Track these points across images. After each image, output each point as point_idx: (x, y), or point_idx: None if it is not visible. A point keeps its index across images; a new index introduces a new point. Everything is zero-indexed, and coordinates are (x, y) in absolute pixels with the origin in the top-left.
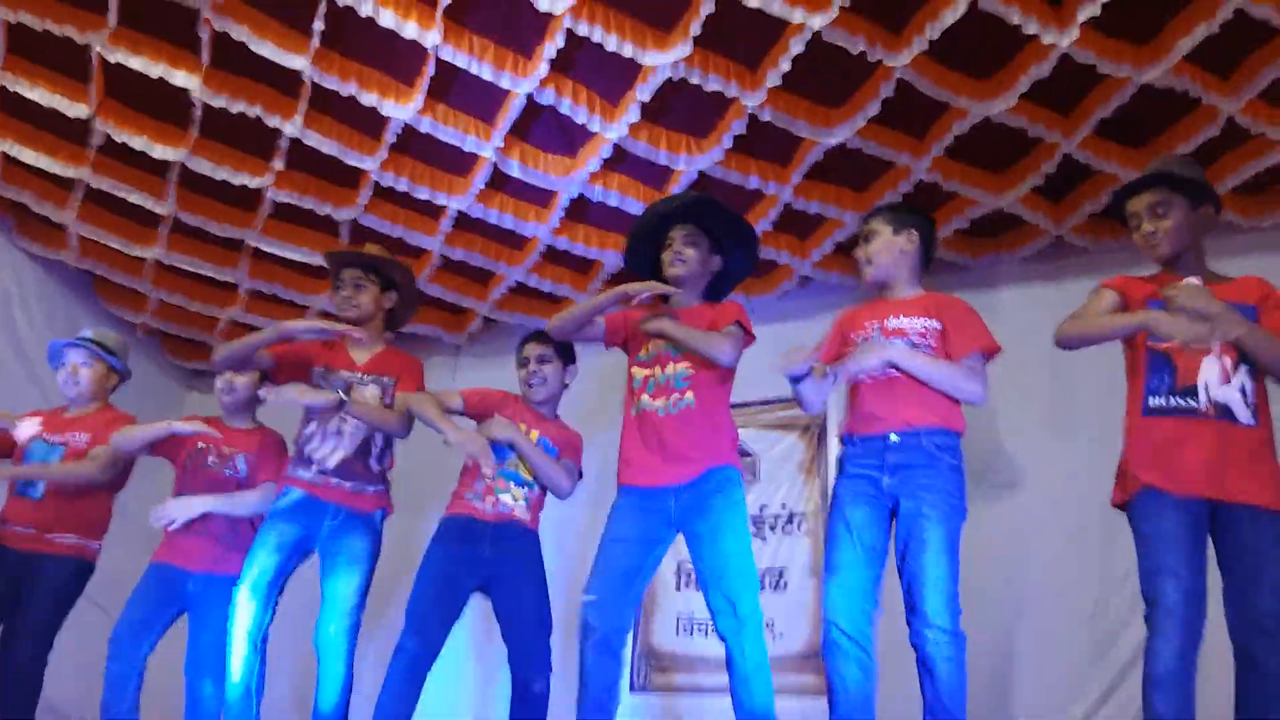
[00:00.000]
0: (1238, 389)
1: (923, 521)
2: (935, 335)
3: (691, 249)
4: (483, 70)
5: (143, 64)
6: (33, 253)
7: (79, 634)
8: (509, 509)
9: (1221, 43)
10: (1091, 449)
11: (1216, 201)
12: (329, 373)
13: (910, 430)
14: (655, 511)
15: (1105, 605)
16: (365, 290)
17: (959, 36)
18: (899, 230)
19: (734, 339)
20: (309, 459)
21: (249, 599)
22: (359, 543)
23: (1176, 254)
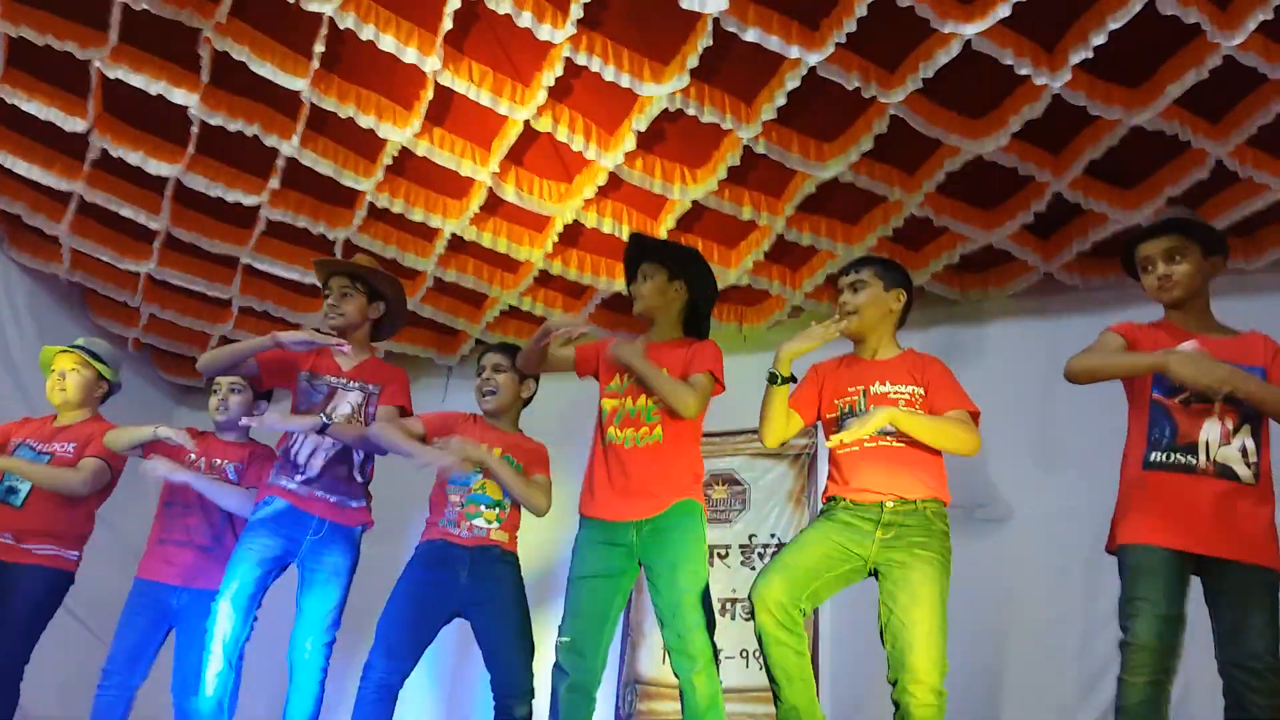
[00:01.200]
0: (1238, 449)
1: (915, 576)
2: (920, 401)
3: (646, 283)
4: (481, 96)
5: (143, 81)
6: (24, 264)
7: (59, 647)
8: (484, 531)
9: (1211, 88)
10: (1079, 486)
11: (1226, 252)
12: (314, 378)
13: (905, 500)
14: (618, 545)
15: (1091, 643)
16: (351, 299)
17: (952, 76)
18: (890, 288)
19: (701, 392)
20: (293, 464)
21: (228, 613)
22: (339, 558)
23: (1186, 299)
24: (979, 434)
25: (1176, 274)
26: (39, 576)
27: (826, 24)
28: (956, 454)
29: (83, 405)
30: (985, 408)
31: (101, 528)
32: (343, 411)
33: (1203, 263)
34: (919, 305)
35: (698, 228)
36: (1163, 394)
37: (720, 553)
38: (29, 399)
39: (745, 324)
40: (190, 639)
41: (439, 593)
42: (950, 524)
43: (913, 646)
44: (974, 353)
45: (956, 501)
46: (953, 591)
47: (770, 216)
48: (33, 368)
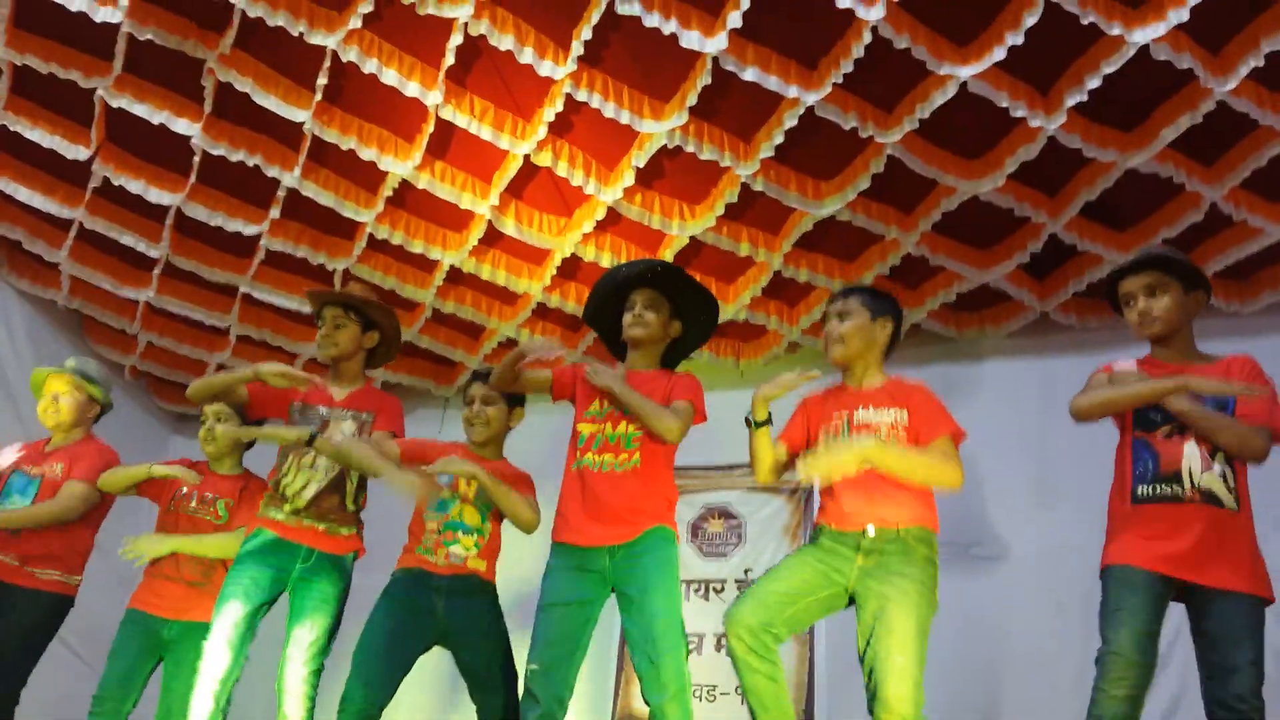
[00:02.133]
0: (1219, 474)
1: (892, 607)
2: (904, 428)
3: (653, 313)
4: (482, 131)
5: (146, 110)
6: (23, 290)
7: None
8: (461, 559)
9: (1205, 132)
10: (1075, 523)
11: (1208, 288)
12: (306, 408)
13: (888, 528)
14: (590, 571)
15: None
16: (345, 329)
17: (949, 117)
18: (876, 317)
19: (684, 417)
20: (282, 496)
21: (220, 652)
22: (329, 586)
23: (1168, 334)
24: (961, 464)
25: (1156, 309)
26: (41, 601)
27: (824, 64)
28: (939, 489)
29: (76, 426)
30: (980, 446)
31: (94, 554)
32: (335, 440)
33: (1183, 298)
34: (915, 343)
35: (696, 263)
36: (1142, 430)
37: (716, 587)
38: (25, 424)
39: (742, 359)
40: (177, 669)
41: (416, 621)
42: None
43: (886, 678)
44: (970, 391)
45: (952, 538)
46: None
47: (768, 253)
48: (28, 393)
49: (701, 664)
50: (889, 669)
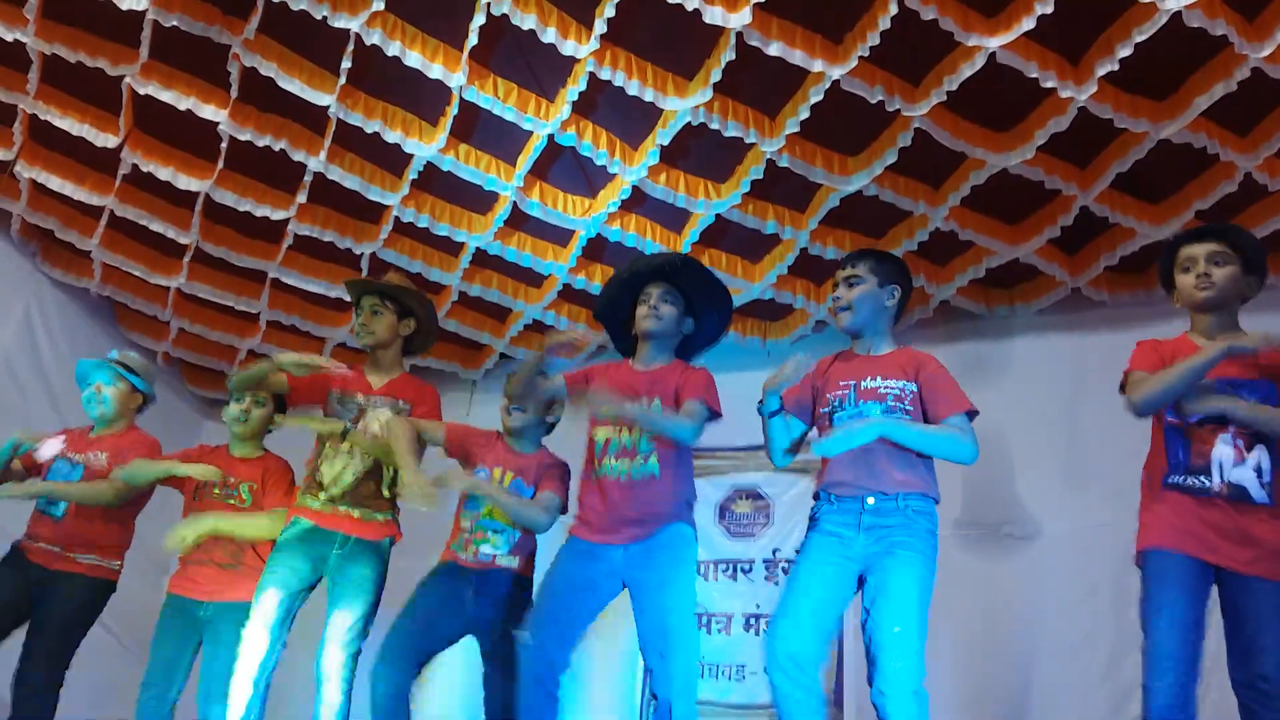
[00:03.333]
0: (1253, 468)
1: (892, 580)
2: (912, 397)
3: (668, 306)
4: (505, 112)
5: (173, 97)
6: (56, 279)
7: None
8: (489, 557)
9: (1239, 100)
10: (1107, 503)
11: (1264, 276)
12: (344, 396)
13: (887, 495)
14: (602, 560)
15: (1120, 663)
16: (382, 317)
17: (977, 88)
18: (884, 284)
19: (698, 419)
20: (319, 484)
21: (259, 638)
22: (365, 570)
23: (1220, 305)
24: (976, 440)
25: (1216, 275)
26: (83, 585)
27: (850, 37)
28: (951, 462)
29: (119, 417)
30: (1011, 424)
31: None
32: (373, 429)
33: (1241, 276)
34: (944, 320)
35: (721, 241)
36: (1174, 417)
37: (744, 567)
38: (61, 410)
39: (768, 338)
40: (216, 651)
41: (446, 610)
42: (975, 540)
43: (884, 647)
44: (1000, 369)
45: (982, 518)
46: (979, 608)
47: (794, 230)
48: (65, 380)
49: (730, 644)
50: (885, 639)
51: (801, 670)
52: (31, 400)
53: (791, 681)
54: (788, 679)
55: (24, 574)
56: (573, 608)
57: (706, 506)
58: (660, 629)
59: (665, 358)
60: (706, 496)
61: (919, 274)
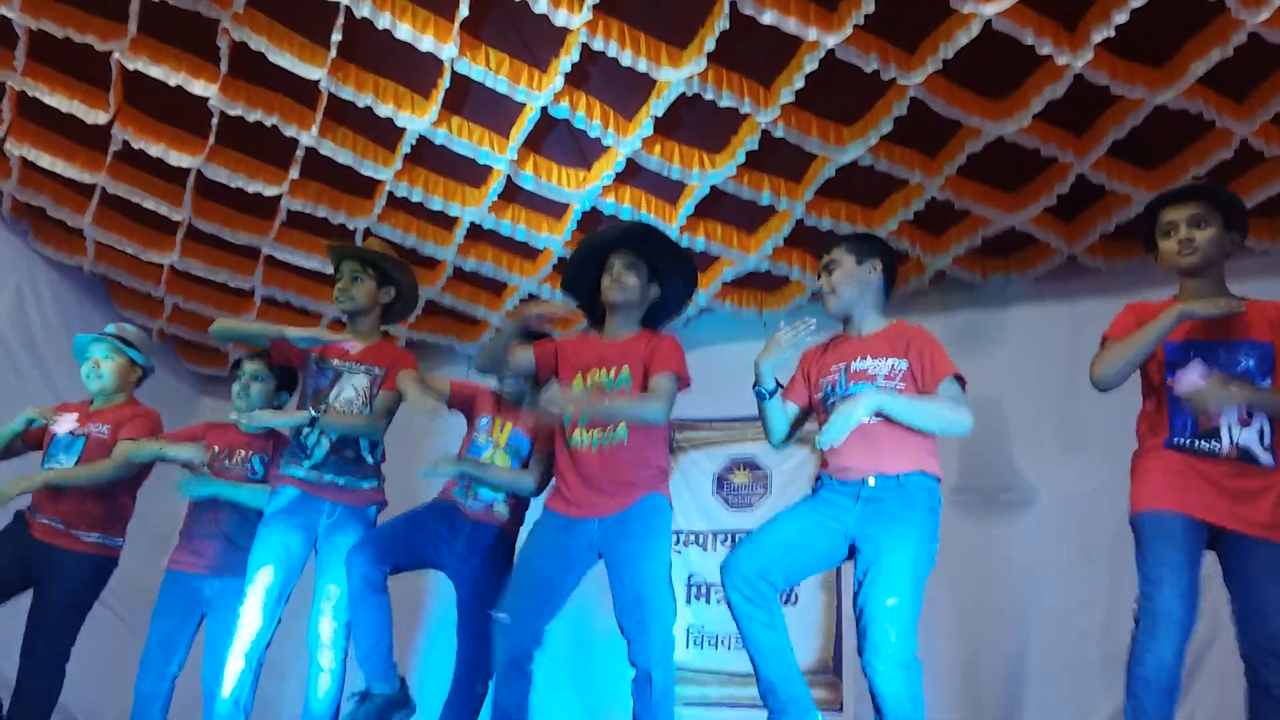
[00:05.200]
0: (1256, 430)
1: (886, 551)
2: (903, 374)
3: (631, 275)
4: (498, 83)
5: (162, 72)
6: (49, 257)
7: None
8: (489, 503)
9: (1235, 66)
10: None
11: (1244, 231)
12: (322, 360)
13: (888, 476)
14: (578, 534)
15: (1116, 625)
16: (362, 283)
17: (973, 56)
18: (862, 260)
19: (665, 397)
20: (302, 448)
21: (253, 616)
22: (354, 538)
23: (1204, 268)
24: (969, 408)
25: (1199, 239)
26: (86, 564)
27: (845, 5)
28: (950, 435)
29: (118, 391)
30: (1008, 391)
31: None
32: (347, 396)
33: (1223, 235)
34: (940, 290)
35: (716, 213)
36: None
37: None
38: (55, 388)
39: (764, 309)
40: (221, 628)
41: (435, 536)
42: (973, 506)
43: (875, 620)
44: (996, 337)
45: (979, 484)
46: (976, 574)
47: (789, 201)
48: (58, 358)
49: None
50: (877, 610)
51: (753, 586)
52: (26, 379)
53: (745, 598)
54: (741, 595)
55: (24, 547)
56: (549, 585)
57: (704, 478)
58: (636, 599)
59: (632, 327)
60: (704, 468)
61: (915, 244)
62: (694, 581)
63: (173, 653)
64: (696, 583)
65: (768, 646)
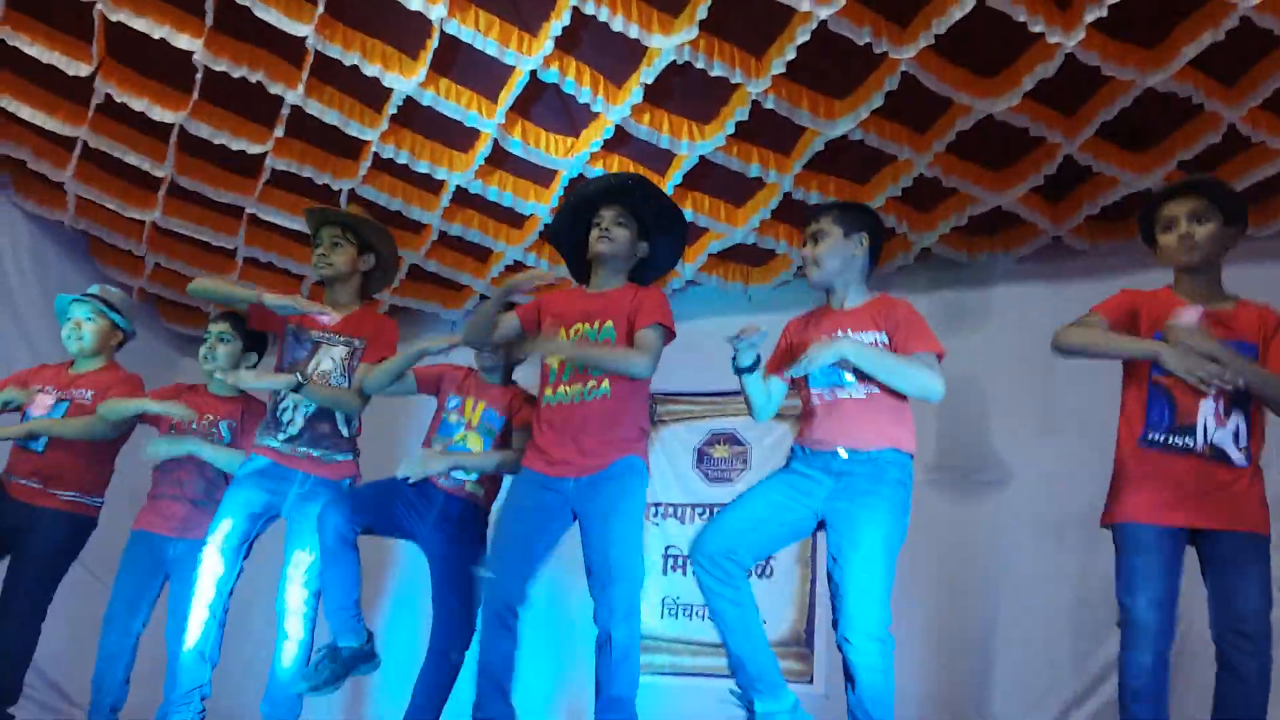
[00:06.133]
0: (1231, 430)
1: (859, 526)
2: (884, 349)
3: (621, 228)
4: (487, 46)
5: (146, 25)
6: (29, 211)
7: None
8: (459, 482)
9: (1226, 50)
10: (1079, 450)
11: (1245, 224)
12: (300, 330)
13: (860, 451)
14: (555, 491)
15: (1085, 602)
16: (341, 250)
17: (965, 33)
18: (850, 234)
19: (650, 349)
20: (278, 421)
21: (215, 562)
22: None
23: (1203, 264)
24: (941, 378)
25: (1199, 234)
26: (64, 522)
27: None
28: (918, 397)
29: (99, 353)
30: (989, 371)
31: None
32: (325, 367)
33: (1223, 230)
34: (925, 267)
35: (705, 184)
36: (1161, 374)
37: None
38: (34, 346)
39: (751, 283)
40: (185, 589)
41: (408, 505)
42: (947, 486)
43: (848, 594)
44: (979, 316)
45: (955, 463)
46: (948, 552)
47: (778, 174)
48: (38, 315)
49: None
50: (850, 585)
51: (719, 565)
52: (4, 336)
53: (713, 577)
54: (708, 574)
55: (2, 511)
56: (530, 542)
57: (684, 451)
58: (603, 560)
59: (618, 281)
60: (684, 441)
61: (902, 220)
62: (670, 553)
63: (137, 611)
64: (673, 554)
65: (735, 623)
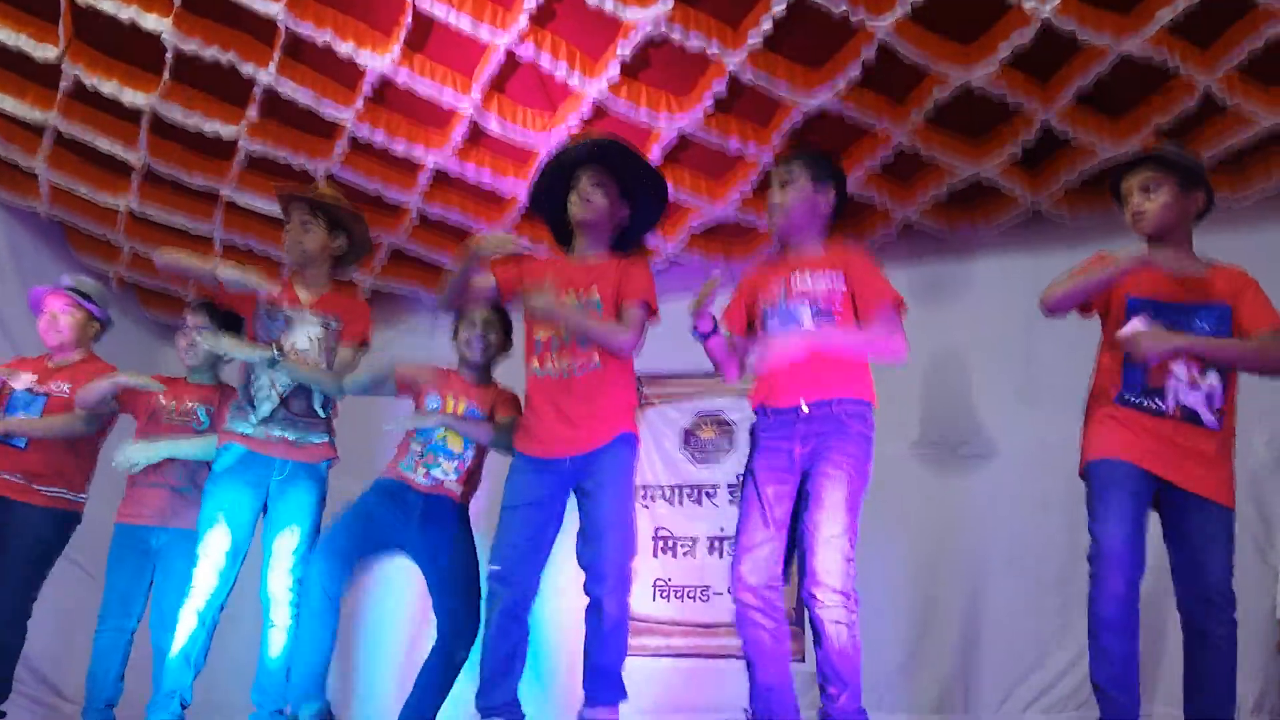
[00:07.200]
0: (1205, 393)
1: (823, 480)
2: (841, 298)
3: (599, 192)
4: (461, 21)
5: (113, 6)
6: (2, 201)
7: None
8: (440, 480)
9: (1201, 15)
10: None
11: (1208, 189)
12: (272, 308)
13: (822, 401)
14: (551, 473)
15: (1070, 573)
16: (311, 231)
17: (942, 1)
18: (820, 186)
19: (636, 326)
20: (251, 401)
21: (208, 579)
22: (305, 495)
23: (1160, 233)
24: (904, 333)
25: (1148, 207)
26: (47, 518)
27: None
28: (884, 362)
29: (77, 345)
30: (970, 343)
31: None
32: (302, 345)
33: (1180, 196)
34: (905, 240)
35: (684, 159)
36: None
37: (709, 491)
38: (11, 337)
39: (732, 258)
40: (168, 578)
41: (387, 522)
42: (933, 459)
43: (813, 550)
44: (960, 288)
45: (941, 437)
46: (935, 525)
47: (757, 148)
48: (14, 306)
49: (694, 566)
50: (814, 541)
51: (760, 597)
52: None
53: (757, 610)
54: (753, 609)
55: None
56: (534, 532)
57: (672, 432)
58: (596, 530)
59: (601, 249)
60: (671, 421)
61: (882, 193)
62: (660, 535)
63: (130, 606)
64: (663, 536)
65: (769, 656)
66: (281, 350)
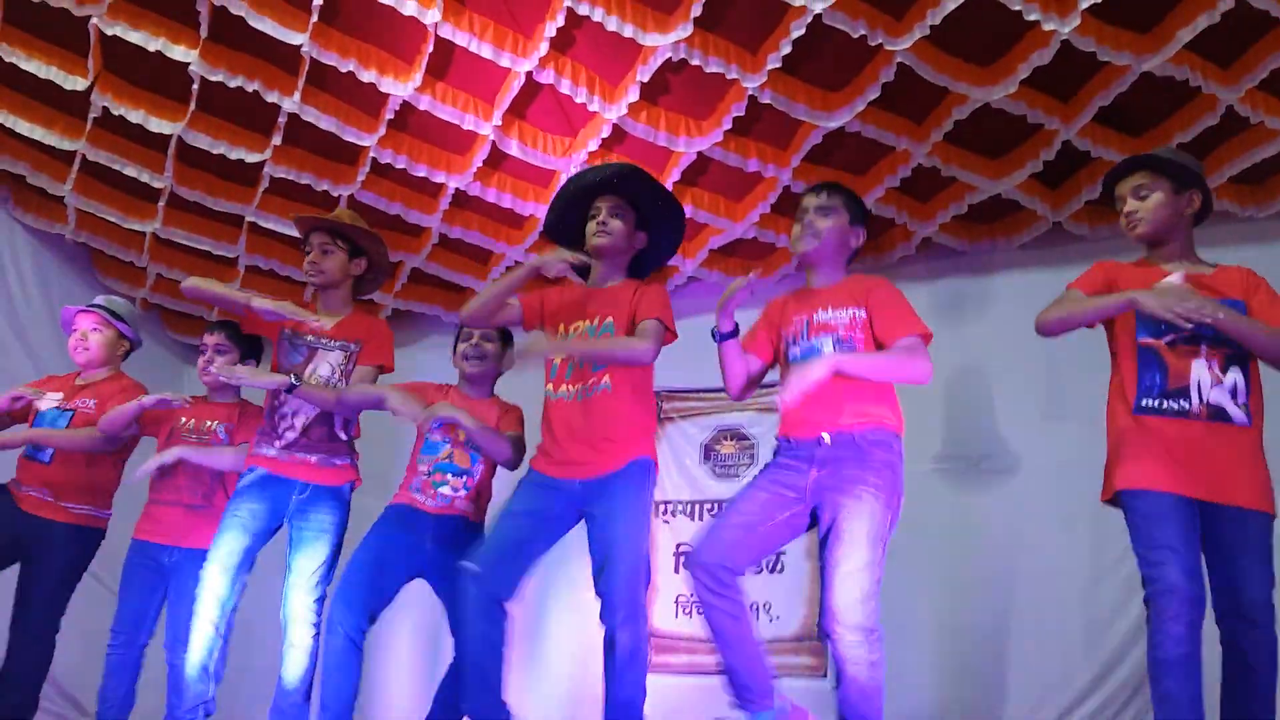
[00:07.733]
0: (1229, 389)
1: (844, 513)
2: (862, 325)
3: (618, 220)
4: (482, 49)
5: (142, 38)
6: (29, 225)
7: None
8: (448, 500)
9: (1222, 32)
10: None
11: (1204, 189)
12: (295, 336)
13: (843, 432)
14: (561, 492)
15: (1095, 591)
16: (332, 256)
17: (960, 22)
18: (854, 223)
19: (653, 337)
20: (275, 429)
21: (217, 580)
22: (326, 516)
23: (1155, 237)
24: (929, 359)
25: (1140, 210)
26: (75, 536)
27: None
28: (909, 384)
29: (105, 364)
30: (992, 359)
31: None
32: (322, 373)
33: (1173, 199)
34: (925, 257)
35: (703, 180)
36: (1149, 336)
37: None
38: (37, 360)
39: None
40: (181, 597)
41: (401, 553)
42: (956, 474)
43: (832, 585)
44: (981, 304)
45: (963, 452)
46: (958, 541)
47: (776, 168)
48: (40, 329)
49: None
50: (834, 576)
51: (714, 576)
52: (8, 349)
53: (708, 589)
54: (704, 586)
55: (11, 519)
56: (521, 537)
57: (692, 448)
58: (607, 560)
59: (618, 276)
60: (691, 437)
61: (902, 211)
62: (682, 551)
63: (141, 623)
64: (685, 552)
65: (730, 634)
66: (300, 379)
